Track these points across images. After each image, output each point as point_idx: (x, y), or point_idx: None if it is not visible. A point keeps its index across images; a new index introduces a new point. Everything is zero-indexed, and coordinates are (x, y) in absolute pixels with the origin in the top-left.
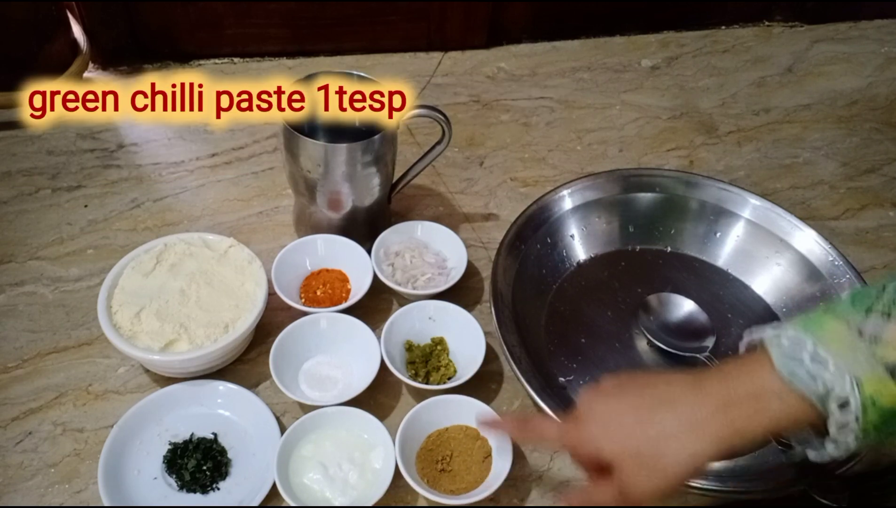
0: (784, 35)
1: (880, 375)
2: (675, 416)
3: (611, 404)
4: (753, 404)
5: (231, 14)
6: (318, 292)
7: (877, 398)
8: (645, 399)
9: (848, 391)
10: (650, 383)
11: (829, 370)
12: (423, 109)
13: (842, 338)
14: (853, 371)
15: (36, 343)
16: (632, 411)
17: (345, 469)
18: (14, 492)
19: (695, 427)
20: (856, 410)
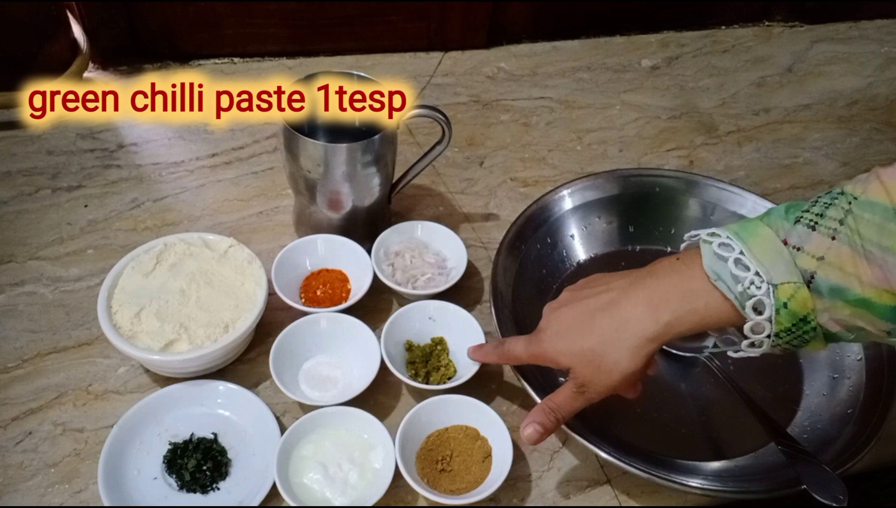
0: (784, 35)
1: (795, 282)
2: (611, 319)
3: (562, 315)
4: (682, 302)
5: (231, 14)
6: (318, 292)
7: (789, 302)
8: (589, 307)
9: (763, 294)
10: (594, 290)
11: (749, 274)
12: (423, 109)
13: (768, 245)
14: (771, 277)
15: (36, 343)
16: (578, 320)
17: (345, 469)
18: (14, 492)
19: (627, 328)
20: (770, 313)
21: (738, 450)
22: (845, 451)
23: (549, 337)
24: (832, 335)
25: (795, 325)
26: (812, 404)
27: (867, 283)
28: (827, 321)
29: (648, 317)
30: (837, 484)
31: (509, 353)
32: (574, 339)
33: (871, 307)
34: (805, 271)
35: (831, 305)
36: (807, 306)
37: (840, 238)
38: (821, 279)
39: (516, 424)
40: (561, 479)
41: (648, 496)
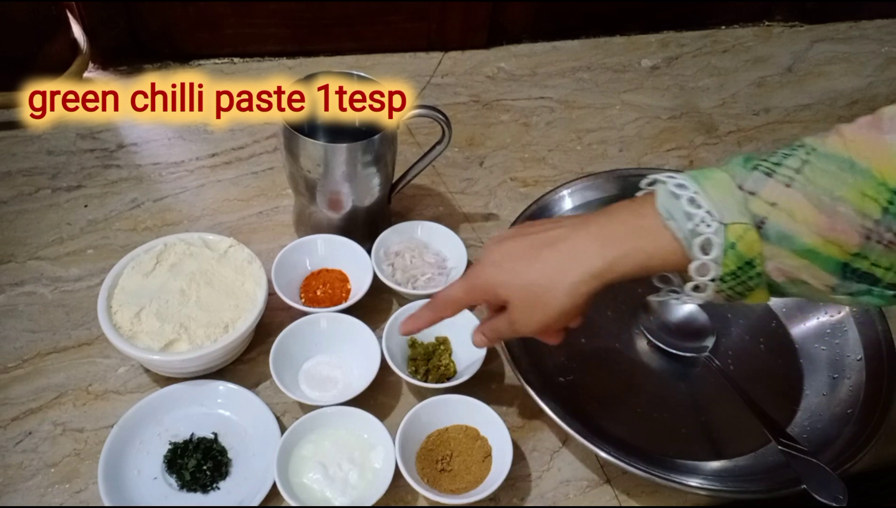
0: (784, 35)
1: (746, 224)
2: (558, 252)
3: (505, 246)
4: (630, 240)
5: (231, 14)
6: (318, 291)
7: (737, 243)
8: (535, 241)
9: (712, 232)
10: (543, 227)
11: (700, 212)
12: (423, 109)
13: (723, 188)
14: (722, 217)
15: (36, 343)
16: (521, 251)
17: (345, 469)
18: (14, 492)
19: (572, 262)
20: (717, 253)
21: (738, 450)
22: (845, 451)
23: (488, 268)
24: (776, 285)
25: (741, 268)
26: (812, 404)
27: (815, 231)
28: (772, 270)
29: (595, 252)
30: (837, 484)
31: (445, 300)
32: (516, 271)
33: (816, 258)
34: (757, 215)
35: (778, 252)
36: (754, 249)
37: (794, 186)
38: (771, 225)
39: (516, 424)
40: (561, 479)
41: (648, 495)
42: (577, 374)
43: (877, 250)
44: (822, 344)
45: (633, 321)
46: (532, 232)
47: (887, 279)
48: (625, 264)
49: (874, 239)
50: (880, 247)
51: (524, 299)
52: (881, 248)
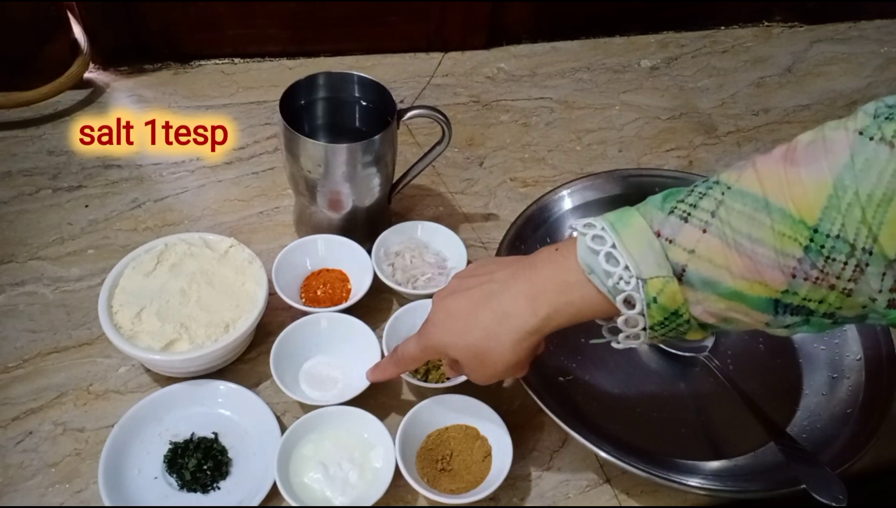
0: (784, 35)
1: (664, 276)
2: (493, 313)
3: (448, 305)
4: (558, 297)
5: (231, 15)
6: (319, 291)
7: (658, 297)
8: (472, 299)
9: (632, 289)
10: (479, 280)
11: (619, 268)
12: (423, 109)
13: (640, 237)
14: (640, 272)
15: (36, 343)
16: (463, 312)
17: (345, 469)
18: (14, 492)
19: (507, 323)
20: (640, 307)
21: (737, 450)
22: (845, 451)
23: (436, 331)
24: (708, 325)
25: (668, 318)
26: (812, 403)
27: (738, 275)
28: (701, 313)
29: (527, 310)
30: (837, 484)
31: (404, 357)
32: (459, 332)
33: (744, 299)
34: (677, 263)
35: (704, 297)
36: (677, 301)
37: (711, 230)
38: (692, 272)
39: (516, 424)
40: (561, 479)
41: (648, 495)
42: (577, 374)
43: (805, 287)
44: (821, 344)
45: None
46: (468, 286)
47: (822, 310)
48: (558, 318)
49: (800, 277)
50: (808, 284)
51: (471, 359)
52: (809, 284)
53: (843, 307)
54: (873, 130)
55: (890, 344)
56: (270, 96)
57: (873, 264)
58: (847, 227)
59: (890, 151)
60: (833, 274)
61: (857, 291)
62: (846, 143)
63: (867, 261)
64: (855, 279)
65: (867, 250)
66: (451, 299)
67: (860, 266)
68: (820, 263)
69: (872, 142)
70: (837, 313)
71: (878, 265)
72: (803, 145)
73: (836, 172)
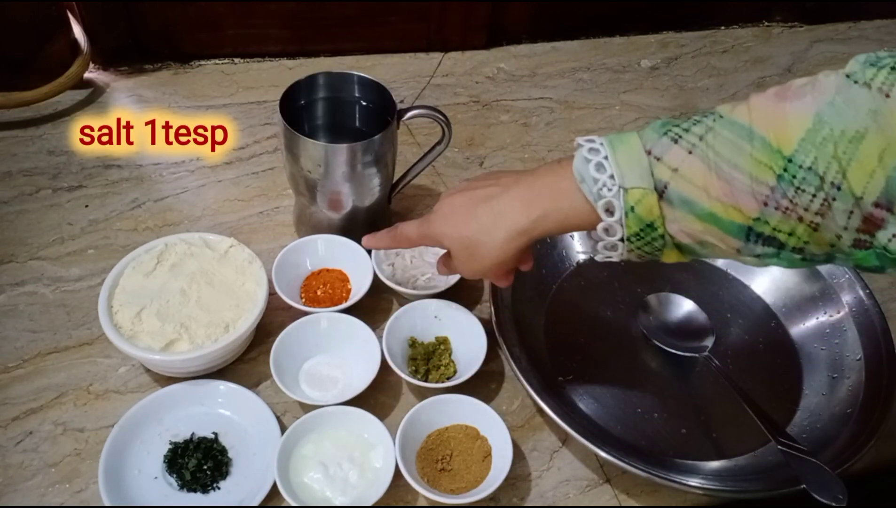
0: (784, 35)
1: (644, 187)
2: (489, 211)
3: (453, 200)
4: (549, 201)
5: (231, 14)
6: (319, 291)
7: (636, 206)
8: (474, 197)
9: (612, 196)
10: (485, 183)
11: (604, 176)
12: (423, 109)
13: (632, 153)
14: (623, 181)
15: (36, 343)
16: (463, 208)
17: (345, 469)
18: (14, 492)
19: (501, 221)
20: (619, 215)
21: (737, 450)
22: (845, 451)
23: (436, 220)
24: (684, 246)
25: (643, 230)
26: (811, 403)
27: (714, 197)
28: (677, 232)
29: (521, 212)
30: (837, 484)
31: (402, 235)
32: (457, 224)
33: (718, 222)
34: (660, 180)
35: (682, 216)
36: (653, 213)
37: (696, 153)
38: (673, 190)
39: (516, 424)
40: (561, 479)
41: (648, 495)
42: (577, 374)
43: (776, 216)
44: (821, 344)
45: (632, 321)
46: (475, 187)
47: (791, 244)
48: (546, 223)
49: (771, 205)
50: (778, 213)
51: (462, 250)
52: (779, 214)
53: (811, 242)
54: (859, 74)
55: (890, 344)
56: (270, 96)
57: (840, 199)
58: (819, 160)
59: (868, 92)
60: (802, 205)
61: (823, 226)
62: (833, 84)
63: (834, 196)
64: (822, 214)
65: (836, 184)
66: (456, 196)
67: (828, 200)
68: (790, 193)
69: (856, 84)
70: (806, 249)
71: (846, 202)
72: (797, 85)
73: (818, 107)
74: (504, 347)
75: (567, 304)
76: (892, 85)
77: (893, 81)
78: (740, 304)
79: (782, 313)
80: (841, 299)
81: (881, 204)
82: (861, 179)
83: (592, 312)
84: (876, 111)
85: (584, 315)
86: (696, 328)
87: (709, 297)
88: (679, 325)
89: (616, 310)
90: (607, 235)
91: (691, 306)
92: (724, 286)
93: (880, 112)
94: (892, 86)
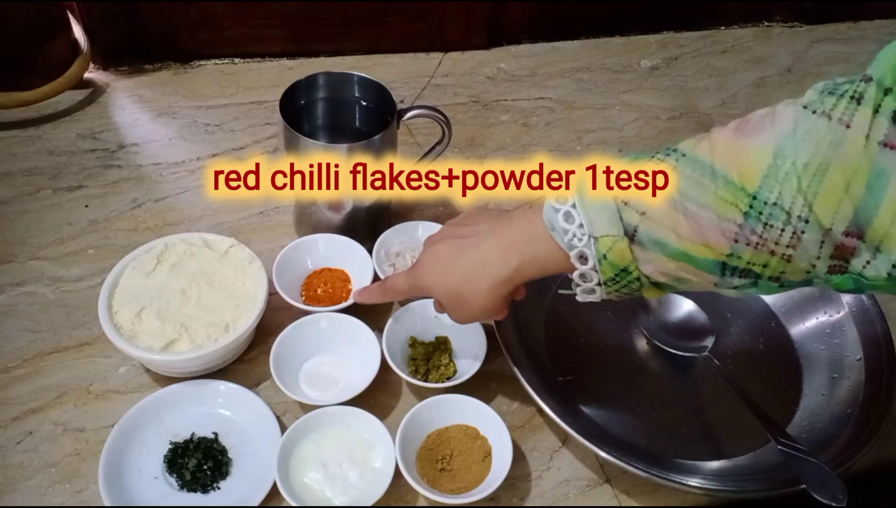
0: (784, 35)
1: (614, 235)
2: (470, 261)
3: (435, 250)
4: (526, 249)
5: (231, 14)
6: (319, 290)
7: (608, 254)
8: (456, 246)
9: (584, 246)
10: (464, 230)
11: (573, 226)
12: (423, 109)
13: (599, 197)
14: (592, 230)
15: (36, 343)
16: (445, 257)
17: (345, 469)
18: (14, 492)
19: (482, 271)
20: (592, 262)
21: (737, 450)
22: (845, 451)
23: (423, 272)
24: (661, 283)
25: (618, 275)
26: (811, 403)
27: (684, 237)
28: (652, 272)
29: (500, 260)
30: (837, 484)
31: (392, 289)
32: (441, 275)
33: (692, 260)
34: (629, 224)
35: (655, 257)
36: (625, 258)
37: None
38: (643, 233)
39: (516, 424)
40: (561, 479)
41: (648, 495)
42: (577, 374)
43: (748, 251)
44: (821, 344)
45: (632, 321)
46: (455, 235)
47: (767, 274)
48: (526, 270)
49: (742, 242)
50: (750, 249)
51: (451, 300)
52: (751, 249)
53: (786, 272)
54: (817, 104)
55: (890, 344)
56: (270, 96)
57: (809, 231)
58: (784, 195)
59: (828, 123)
60: (772, 240)
61: (796, 256)
62: (792, 116)
63: (803, 229)
64: (793, 246)
65: (803, 218)
66: (438, 244)
67: (797, 233)
68: (759, 229)
69: (815, 115)
70: (783, 277)
71: (815, 233)
72: (756, 118)
73: (778, 141)
74: (504, 347)
75: (567, 304)
76: (852, 115)
77: (853, 111)
78: (740, 304)
79: (782, 314)
80: (841, 299)
81: (851, 233)
82: (828, 210)
83: (592, 312)
84: (837, 142)
85: (584, 315)
86: (696, 328)
87: (709, 297)
88: (679, 325)
89: (616, 310)
90: (584, 281)
91: (691, 306)
92: None
93: (841, 143)
94: (853, 116)
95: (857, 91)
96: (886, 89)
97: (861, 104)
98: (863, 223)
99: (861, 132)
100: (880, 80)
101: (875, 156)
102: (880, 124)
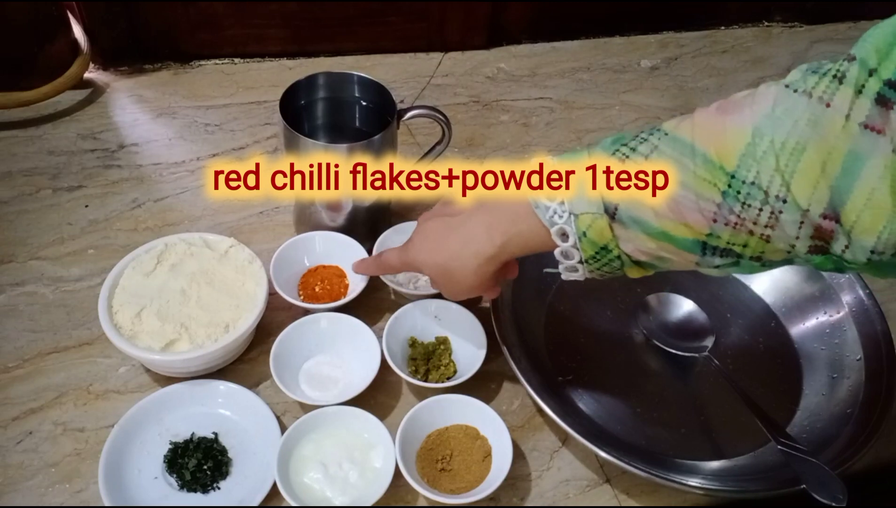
0: (784, 35)
1: (594, 212)
2: (457, 239)
3: (426, 228)
4: (510, 227)
5: (231, 14)
6: (317, 288)
7: (588, 231)
8: (445, 224)
9: (565, 223)
10: (453, 209)
11: (554, 204)
12: (423, 109)
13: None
14: (573, 208)
15: (36, 343)
16: (435, 235)
17: (345, 469)
18: (14, 492)
19: (469, 248)
20: (573, 239)
21: (737, 450)
22: (845, 451)
23: (413, 248)
24: (642, 263)
25: (598, 253)
26: (811, 403)
27: (662, 215)
28: (633, 251)
29: (485, 237)
30: (837, 484)
31: (386, 263)
32: (431, 252)
33: (671, 239)
34: (610, 202)
35: (635, 235)
36: (605, 236)
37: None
38: (623, 211)
39: (516, 424)
40: (561, 479)
41: (648, 495)
42: (577, 374)
43: (727, 232)
44: (821, 344)
45: (632, 321)
46: (445, 212)
47: (748, 254)
48: (511, 247)
49: (721, 222)
50: (728, 228)
51: (440, 276)
52: (730, 229)
53: (766, 252)
54: (799, 83)
55: (890, 344)
56: (270, 96)
57: (787, 211)
58: (762, 174)
59: (808, 102)
60: (750, 220)
61: (775, 237)
62: (773, 94)
63: (781, 208)
64: (771, 226)
65: (781, 197)
66: (429, 222)
67: (774, 213)
68: (737, 208)
69: (796, 94)
70: (763, 257)
71: (793, 213)
72: (737, 98)
73: (757, 120)
74: (504, 347)
75: (567, 304)
76: (832, 94)
77: (834, 90)
78: (740, 304)
79: (782, 314)
80: (841, 299)
81: (828, 215)
82: (805, 190)
83: (592, 312)
84: (815, 121)
85: (584, 315)
86: (696, 328)
87: (709, 297)
88: (679, 325)
89: (616, 310)
90: (565, 258)
91: (691, 306)
92: (724, 286)
93: (820, 122)
94: (833, 95)
95: (839, 70)
96: (871, 70)
97: (843, 83)
98: (837, 206)
99: (841, 112)
100: (864, 59)
101: (854, 137)
102: (862, 105)
